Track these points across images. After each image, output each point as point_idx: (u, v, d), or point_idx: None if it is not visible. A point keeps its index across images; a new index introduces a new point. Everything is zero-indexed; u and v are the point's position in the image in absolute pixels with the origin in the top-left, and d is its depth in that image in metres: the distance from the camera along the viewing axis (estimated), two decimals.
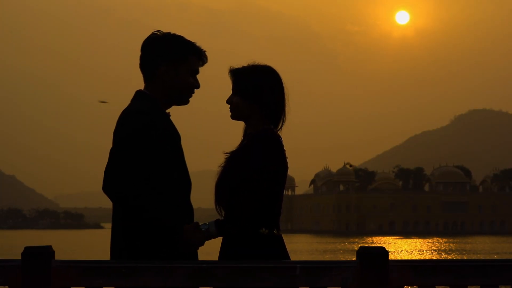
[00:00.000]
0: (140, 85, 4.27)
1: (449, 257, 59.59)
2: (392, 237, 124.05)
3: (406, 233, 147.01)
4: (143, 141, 3.97)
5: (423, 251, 72.24)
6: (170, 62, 4.15)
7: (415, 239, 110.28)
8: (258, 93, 4.22)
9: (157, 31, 4.22)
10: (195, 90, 4.26)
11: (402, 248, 75.91)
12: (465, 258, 50.75)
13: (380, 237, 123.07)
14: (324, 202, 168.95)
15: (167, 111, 4.20)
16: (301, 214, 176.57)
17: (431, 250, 74.55)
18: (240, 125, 4.35)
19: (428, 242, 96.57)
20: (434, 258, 58.17)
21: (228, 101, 4.27)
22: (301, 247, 74.67)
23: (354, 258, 3.62)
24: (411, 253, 66.98)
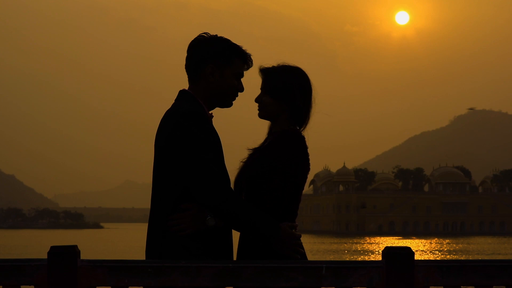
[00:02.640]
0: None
1: (453, 258, 59.54)
2: (392, 237, 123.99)
3: (405, 234, 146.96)
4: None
5: (424, 251, 72.14)
6: (215, 64, 4.15)
7: (415, 240, 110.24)
8: (289, 93, 4.25)
9: (204, 33, 4.21)
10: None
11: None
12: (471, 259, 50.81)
13: (380, 238, 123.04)
14: (324, 203, 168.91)
15: (210, 112, 4.21)
16: (301, 214, 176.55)
17: (433, 250, 74.45)
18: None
19: (430, 243, 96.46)
20: (436, 258, 58.13)
21: (257, 100, 4.28)
22: (306, 248, 74.45)
23: (357, 259, 3.63)
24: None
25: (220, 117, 4.33)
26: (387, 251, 3.52)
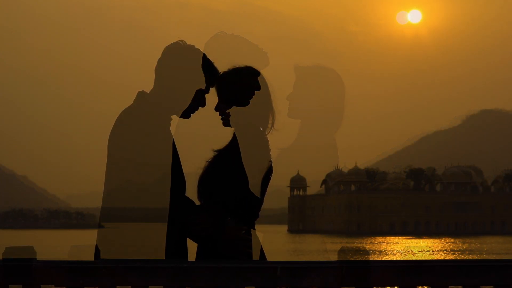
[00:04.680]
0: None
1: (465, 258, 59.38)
2: (404, 237, 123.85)
3: (417, 233, 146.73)
4: None
5: (436, 251, 71.97)
6: None
7: (426, 240, 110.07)
8: None
9: (220, 32, 4.25)
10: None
11: (415, 249, 75.66)
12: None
13: (392, 237, 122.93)
14: (336, 202, 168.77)
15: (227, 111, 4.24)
16: (313, 214, 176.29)
17: (445, 250, 74.29)
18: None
19: (447, 242, 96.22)
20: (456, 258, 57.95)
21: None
22: (316, 247, 74.59)
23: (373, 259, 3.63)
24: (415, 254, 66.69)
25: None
26: (342, 250, 3.52)
